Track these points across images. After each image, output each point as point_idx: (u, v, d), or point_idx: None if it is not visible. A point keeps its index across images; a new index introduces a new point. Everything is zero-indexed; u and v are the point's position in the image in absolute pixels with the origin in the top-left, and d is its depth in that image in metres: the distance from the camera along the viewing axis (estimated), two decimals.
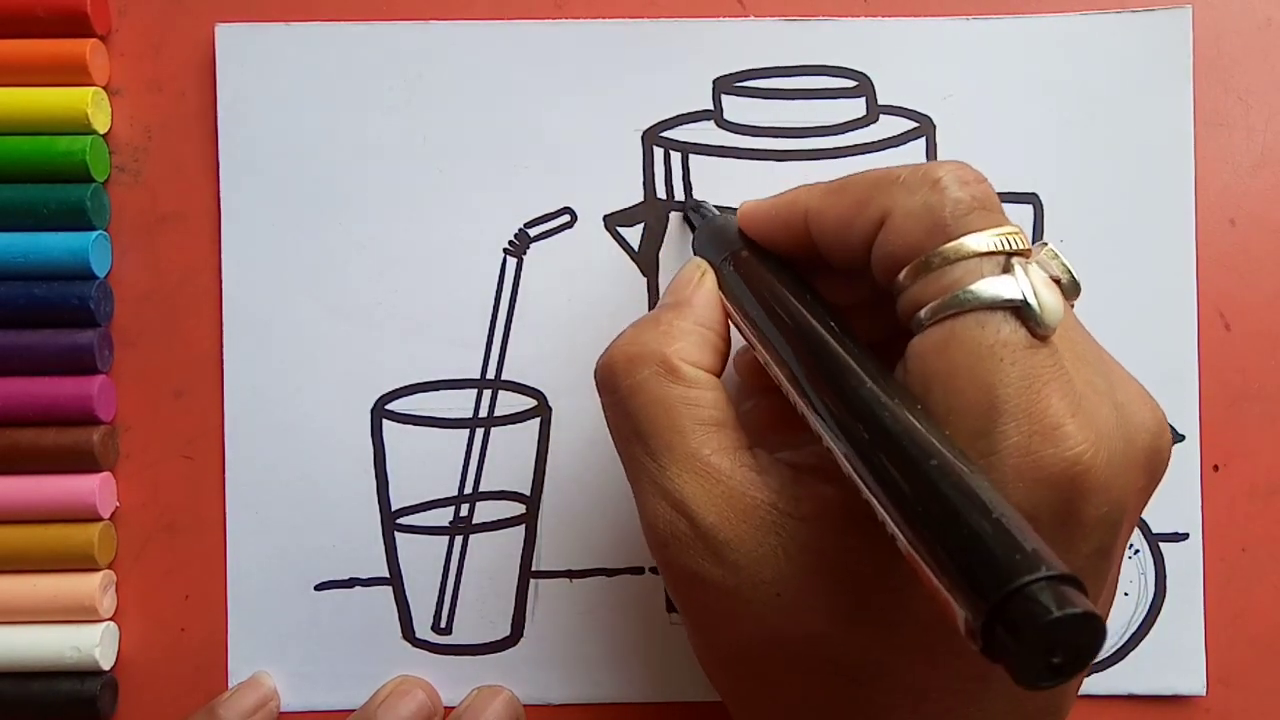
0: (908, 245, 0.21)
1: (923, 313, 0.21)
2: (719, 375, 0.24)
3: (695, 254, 0.28)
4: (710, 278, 0.26)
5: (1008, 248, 0.21)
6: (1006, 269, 0.21)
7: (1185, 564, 0.31)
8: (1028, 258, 0.21)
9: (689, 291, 0.25)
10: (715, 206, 0.30)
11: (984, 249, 0.21)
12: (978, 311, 0.20)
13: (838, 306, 0.24)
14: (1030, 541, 0.16)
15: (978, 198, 0.21)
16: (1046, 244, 0.22)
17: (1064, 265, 0.22)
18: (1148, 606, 0.31)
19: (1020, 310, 0.20)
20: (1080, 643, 0.15)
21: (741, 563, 0.22)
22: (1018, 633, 0.15)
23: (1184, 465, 0.31)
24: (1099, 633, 0.15)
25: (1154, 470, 0.22)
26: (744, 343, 0.25)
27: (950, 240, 0.21)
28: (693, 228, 0.30)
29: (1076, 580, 0.16)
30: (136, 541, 0.31)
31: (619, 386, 0.24)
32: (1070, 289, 0.22)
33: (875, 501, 0.19)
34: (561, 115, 0.31)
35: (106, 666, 0.31)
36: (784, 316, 0.23)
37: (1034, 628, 0.15)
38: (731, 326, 0.26)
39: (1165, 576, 0.31)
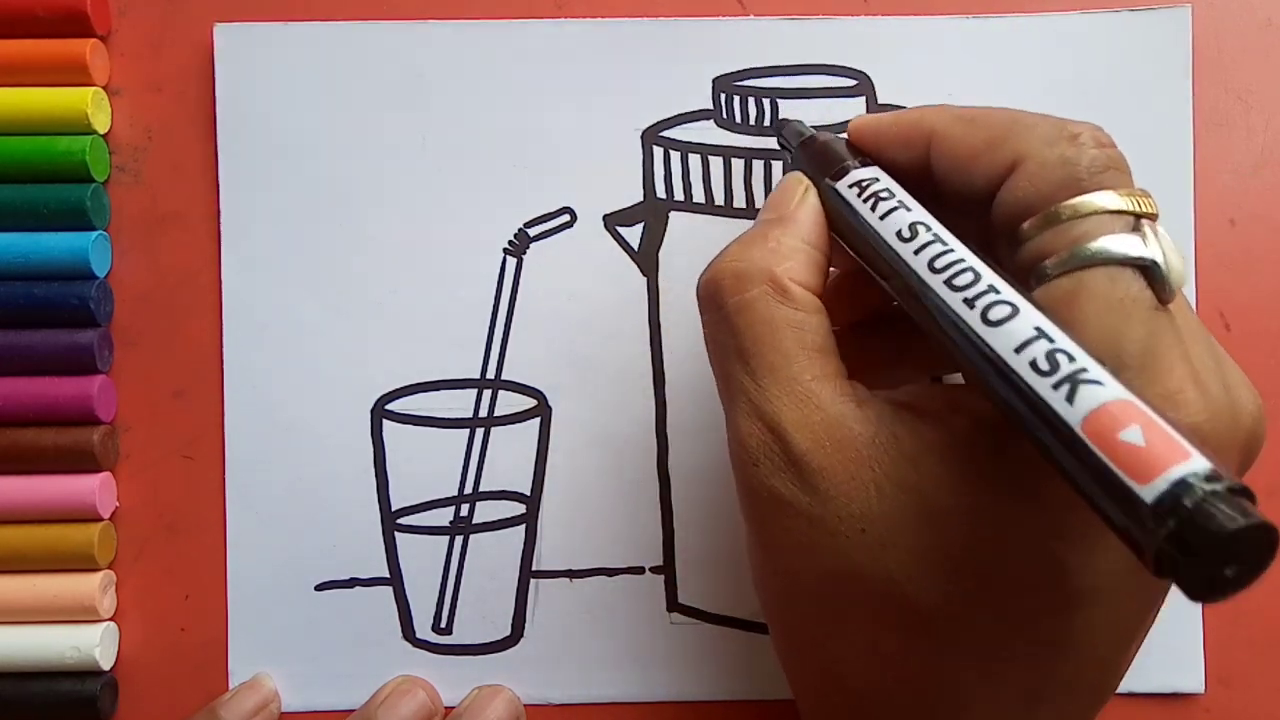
0: (1039, 195, 0.22)
1: (1050, 263, 0.21)
2: (821, 296, 0.24)
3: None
4: (813, 194, 0.25)
5: (1138, 209, 0.21)
6: (1135, 229, 0.21)
7: None
8: (1154, 221, 0.21)
9: (792, 207, 0.25)
10: (811, 126, 0.29)
11: (1115, 207, 0.21)
12: (1108, 267, 0.20)
13: None
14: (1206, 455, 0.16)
15: (1113, 158, 0.22)
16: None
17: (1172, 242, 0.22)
18: None
19: (1149, 270, 0.20)
20: (1255, 555, 0.15)
21: (831, 493, 0.21)
22: (1194, 543, 0.15)
23: None
24: (1274, 545, 0.15)
25: (1249, 456, 0.22)
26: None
27: (1082, 194, 0.21)
28: (783, 147, 0.29)
29: (1250, 492, 0.16)
30: (136, 541, 0.31)
31: (725, 303, 0.23)
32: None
33: (1035, 421, 0.18)
34: (561, 115, 0.31)
35: (106, 666, 0.31)
36: (921, 237, 0.22)
37: (1212, 538, 0.15)
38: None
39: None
